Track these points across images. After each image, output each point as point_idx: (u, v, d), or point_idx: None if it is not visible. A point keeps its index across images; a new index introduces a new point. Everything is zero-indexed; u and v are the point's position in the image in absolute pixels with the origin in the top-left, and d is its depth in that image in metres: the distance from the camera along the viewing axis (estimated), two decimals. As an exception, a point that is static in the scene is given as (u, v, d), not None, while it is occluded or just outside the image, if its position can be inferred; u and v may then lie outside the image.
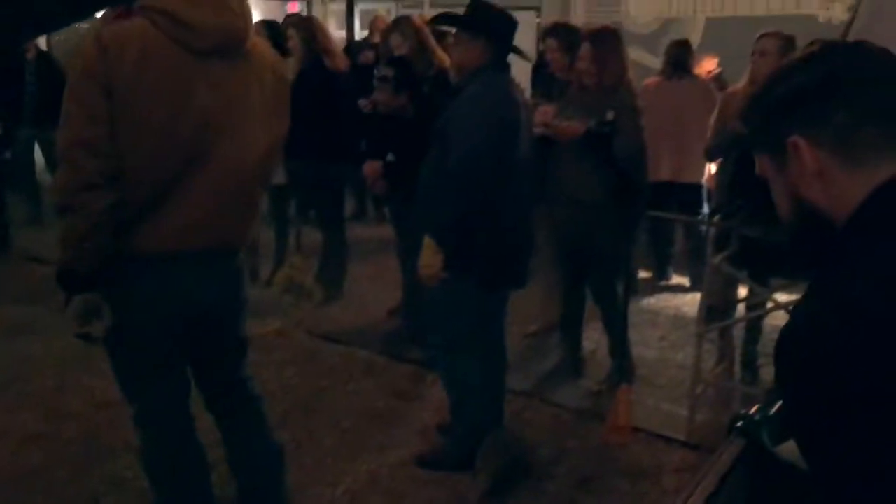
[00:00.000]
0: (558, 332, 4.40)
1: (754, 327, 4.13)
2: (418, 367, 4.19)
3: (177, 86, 2.06)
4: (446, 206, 2.89)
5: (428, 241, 2.94)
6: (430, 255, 2.92)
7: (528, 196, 3.10)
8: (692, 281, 5.57)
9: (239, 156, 2.20)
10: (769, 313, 3.88)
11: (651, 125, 5.24)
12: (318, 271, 5.00)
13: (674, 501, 1.42)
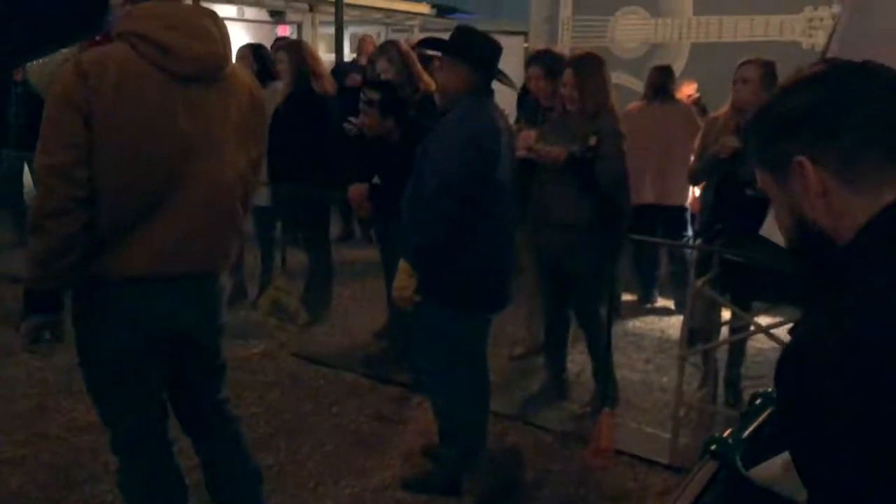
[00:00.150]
0: (543, 354, 4.41)
1: (737, 350, 4.15)
2: (403, 390, 4.19)
3: (156, 110, 2.07)
4: (421, 231, 2.91)
5: (403, 264, 2.96)
6: (405, 278, 2.94)
7: (509, 221, 3.11)
8: (677, 304, 5.59)
9: (217, 180, 2.21)
10: (751, 336, 3.90)
11: (634, 149, 5.29)
12: (303, 293, 5.00)
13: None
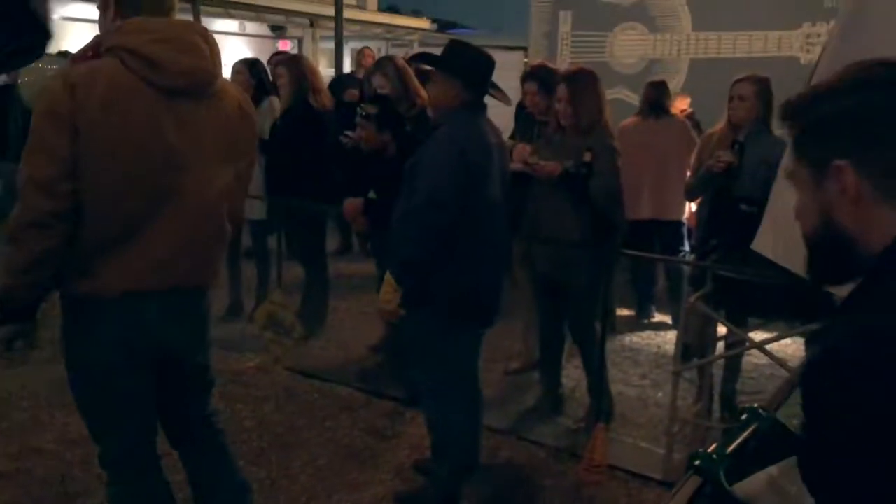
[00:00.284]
0: (538, 369, 4.40)
1: (733, 366, 4.15)
2: (397, 405, 4.19)
3: (143, 124, 2.08)
4: (409, 245, 2.91)
5: (388, 277, 2.96)
6: (389, 291, 2.94)
7: (499, 236, 3.11)
8: (674, 319, 5.58)
9: (204, 194, 2.22)
10: (747, 352, 3.89)
11: (630, 164, 5.31)
12: (299, 307, 5.00)
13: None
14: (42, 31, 1.96)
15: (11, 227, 2.05)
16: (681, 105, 6.43)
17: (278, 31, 15.20)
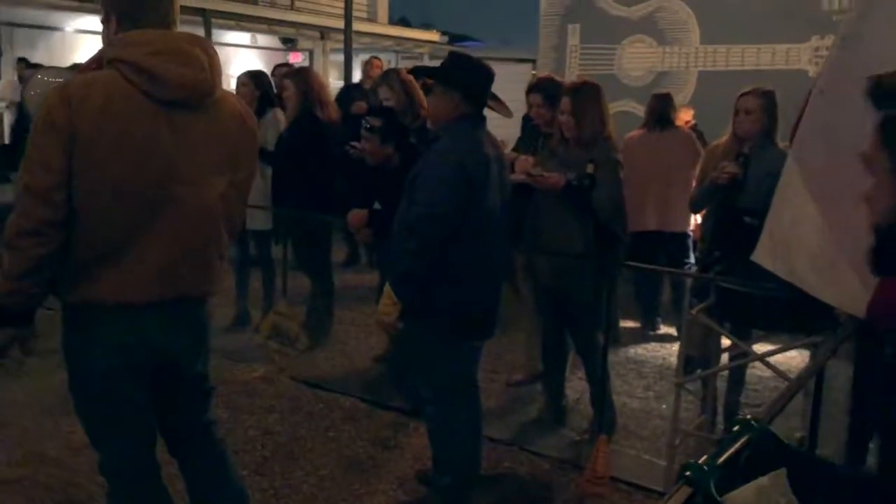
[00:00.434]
0: (541, 380, 4.40)
1: (736, 378, 4.13)
2: (400, 415, 4.19)
3: (140, 134, 2.10)
4: (407, 258, 2.93)
5: (387, 289, 2.96)
6: (389, 304, 2.95)
7: (497, 249, 3.12)
8: (679, 331, 5.55)
9: (202, 205, 2.23)
10: (749, 363, 3.88)
11: (635, 176, 5.32)
12: (305, 318, 5.02)
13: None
14: None
15: (8, 234, 2.08)
16: (685, 117, 6.44)
17: (289, 43, 15.32)
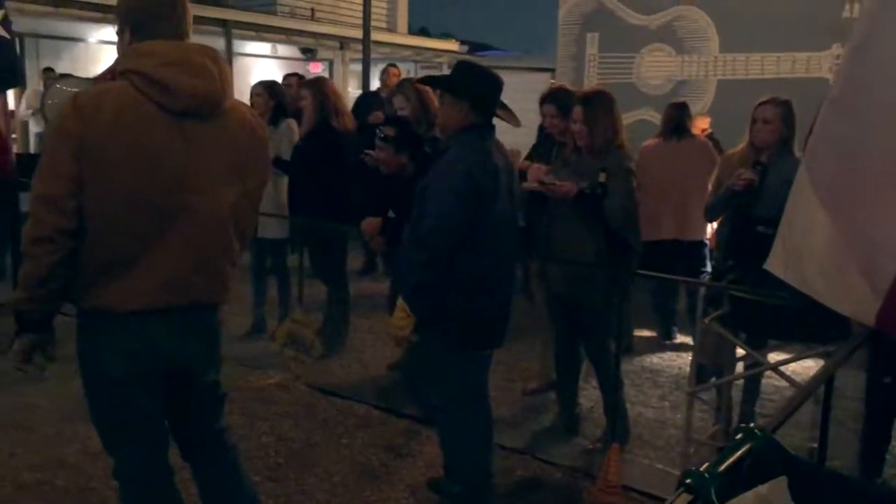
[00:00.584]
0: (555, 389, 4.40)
1: (751, 387, 4.10)
2: (414, 423, 4.21)
3: (151, 144, 2.14)
4: (415, 272, 2.94)
5: (401, 303, 2.97)
6: (403, 316, 2.95)
7: (507, 258, 3.13)
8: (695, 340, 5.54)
9: (212, 213, 2.27)
10: (764, 372, 3.85)
11: (651, 185, 5.31)
12: (320, 325, 5.06)
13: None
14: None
15: (23, 242, 2.13)
16: (701, 125, 6.42)
17: (309, 53, 15.43)
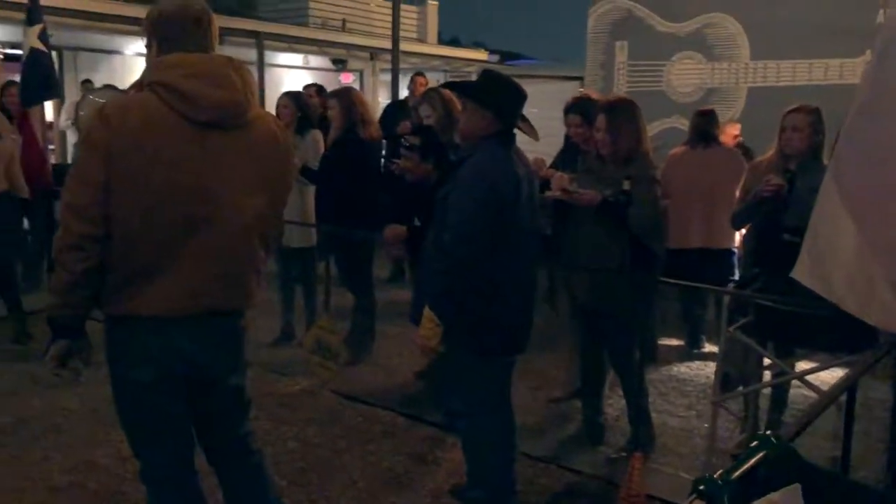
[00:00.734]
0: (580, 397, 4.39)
1: (779, 397, 4.07)
2: (438, 430, 4.22)
3: (175, 154, 2.19)
4: (439, 279, 2.97)
5: (428, 313, 2.97)
6: (431, 326, 2.95)
7: (528, 267, 3.13)
8: (723, 349, 5.49)
9: (236, 222, 2.31)
10: (791, 381, 3.81)
11: (678, 194, 5.28)
12: (347, 333, 5.11)
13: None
14: None
15: (54, 249, 2.20)
16: (732, 132, 6.37)
17: (340, 64, 15.60)
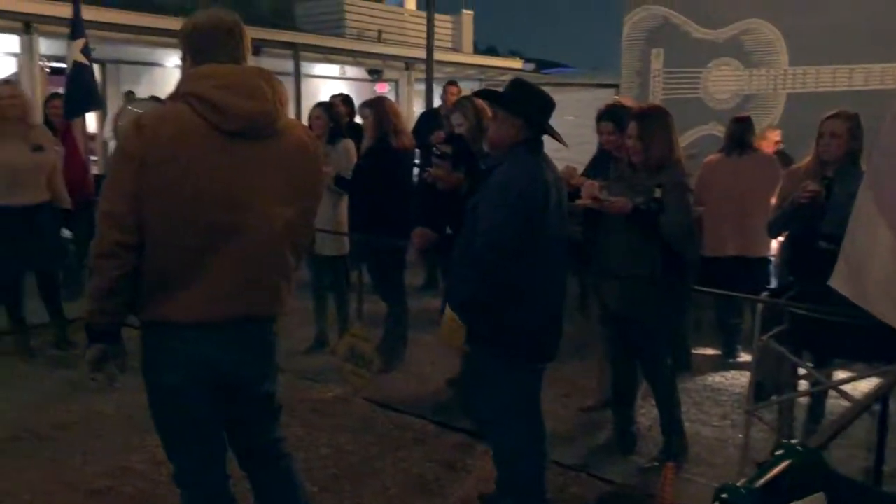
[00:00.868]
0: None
1: (816, 407, 4.00)
2: (469, 437, 4.22)
3: (206, 165, 2.24)
4: (467, 287, 2.97)
5: (450, 314, 2.98)
6: (455, 328, 2.96)
7: (558, 274, 3.13)
8: (759, 359, 5.41)
9: (266, 231, 2.34)
10: (827, 391, 3.75)
11: (713, 201, 5.23)
12: (380, 341, 5.14)
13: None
14: None
15: (91, 257, 2.27)
16: (773, 137, 6.29)
17: (376, 74, 15.75)
